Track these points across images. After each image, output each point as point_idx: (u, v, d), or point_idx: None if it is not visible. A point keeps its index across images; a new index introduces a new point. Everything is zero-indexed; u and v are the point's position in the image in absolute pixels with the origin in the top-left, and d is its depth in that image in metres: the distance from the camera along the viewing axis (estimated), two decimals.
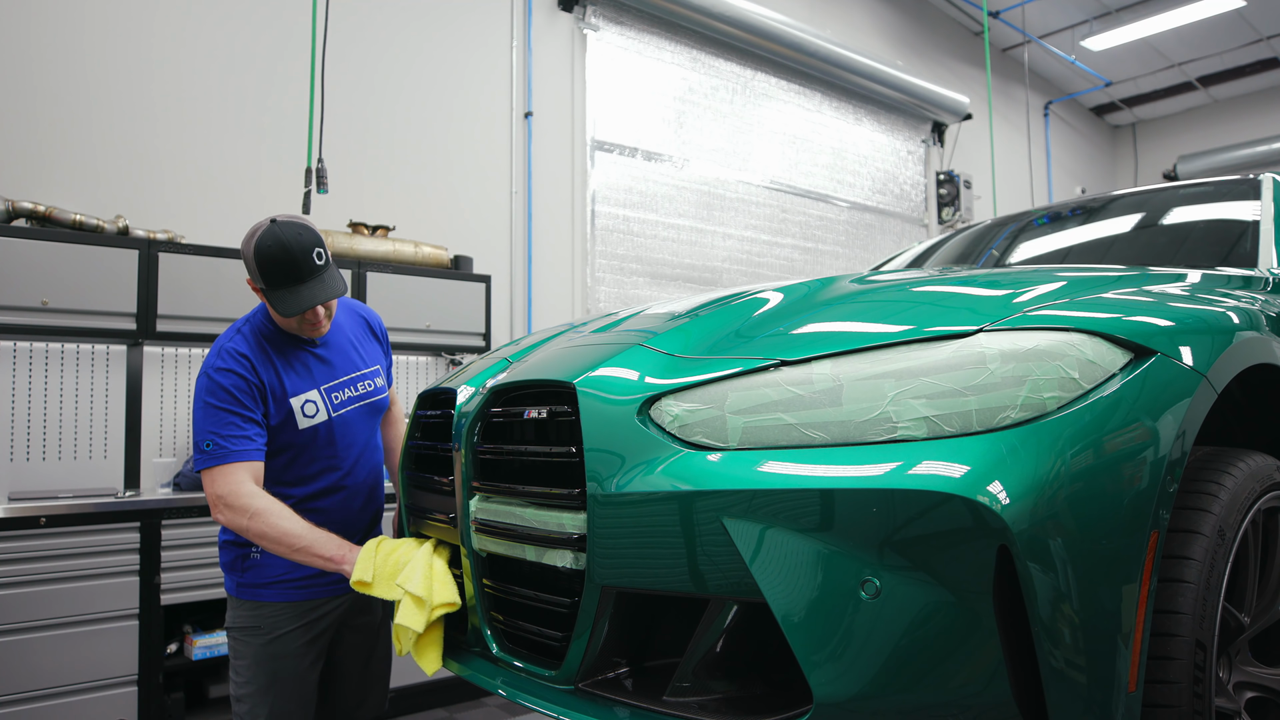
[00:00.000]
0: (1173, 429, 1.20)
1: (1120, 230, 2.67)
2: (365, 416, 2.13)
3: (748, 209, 6.31)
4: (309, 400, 1.99)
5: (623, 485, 1.25)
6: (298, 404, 1.97)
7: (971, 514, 1.06)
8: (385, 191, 4.52)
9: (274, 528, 1.82)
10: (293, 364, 2.00)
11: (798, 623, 1.11)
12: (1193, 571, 1.22)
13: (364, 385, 2.13)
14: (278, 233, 1.88)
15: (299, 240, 1.88)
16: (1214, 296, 1.58)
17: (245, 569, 2.02)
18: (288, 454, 1.99)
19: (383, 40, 4.60)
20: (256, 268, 1.88)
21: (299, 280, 1.89)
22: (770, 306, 1.53)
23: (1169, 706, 1.18)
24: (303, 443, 1.99)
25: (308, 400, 1.99)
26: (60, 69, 3.63)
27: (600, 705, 1.30)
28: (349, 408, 2.08)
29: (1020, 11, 8.10)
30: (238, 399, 1.89)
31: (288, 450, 1.99)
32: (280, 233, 1.88)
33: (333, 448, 2.04)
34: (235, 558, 2.03)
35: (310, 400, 2.00)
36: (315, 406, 2.00)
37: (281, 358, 1.99)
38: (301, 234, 1.89)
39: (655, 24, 5.81)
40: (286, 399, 1.96)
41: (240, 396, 1.89)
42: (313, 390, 2.01)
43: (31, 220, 3.27)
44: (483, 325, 4.31)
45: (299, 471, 2.02)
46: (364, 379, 2.14)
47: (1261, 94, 9.75)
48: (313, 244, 1.90)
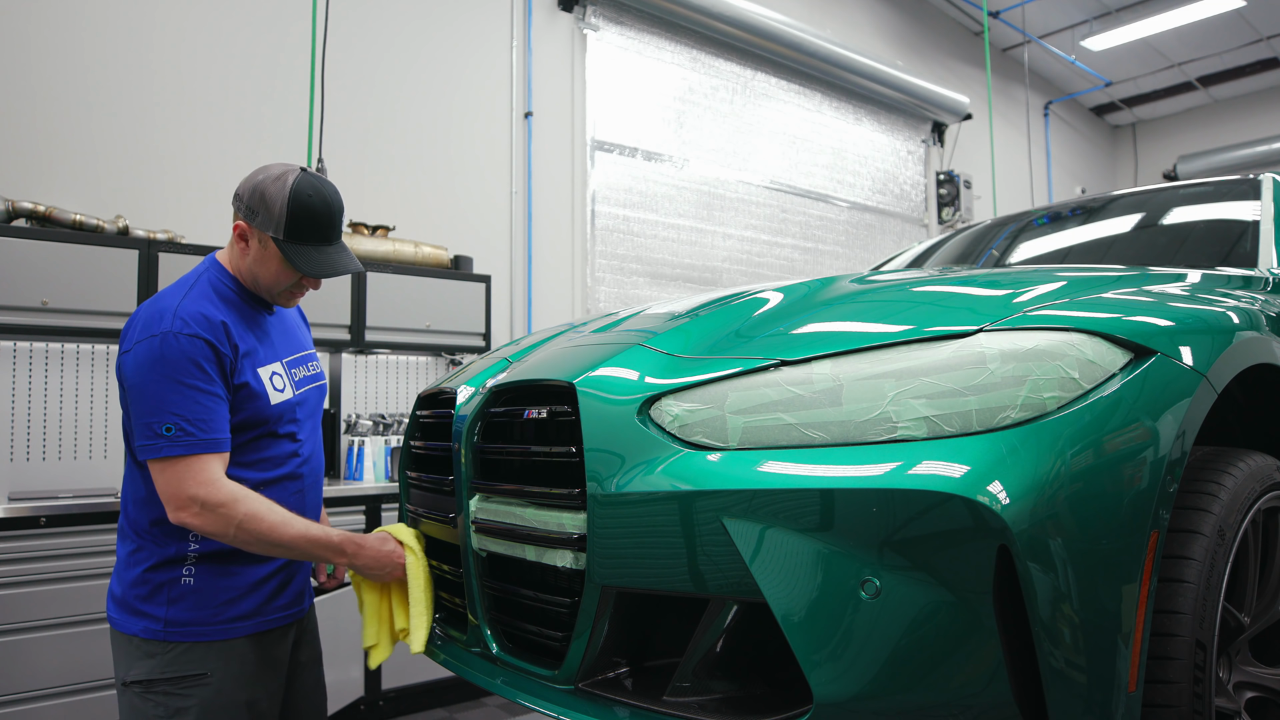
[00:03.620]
0: (1173, 429, 1.20)
1: (1120, 230, 2.67)
2: (318, 400, 1.90)
3: (748, 209, 6.31)
4: (275, 373, 1.73)
5: (623, 485, 1.25)
6: (266, 374, 1.70)
7: (971, 514, 1.06)
8: (385, 191, 4.52)
9: (274, 532, 1.56)
10: (254, 330, 1.71)
11: (798, 622, 1.10)
12: (1193, 571, 1.22)
13: (313, 366, 1.89)
14: (316, 183, 1.66)
15: (337, 198, 1.70)
16: (1214, 296, 1.58)
17: (174, 600, 1.60)
18: (251, 432, 1.68)
19: (383, 40, 4.60)
20: (286, 214, 1.62)
21: (327, 241, 1.69)
22: (770, 306, 1.53)
23: (1169, 706, 1.18)
24: (271, 419, 1.70)
25: (274, 372, 1.73)
26: (60, 69, 3.63)
27: (600, 705, 1.30)
28: (306, 387, 1.83)
29: (1020, 11, 8.10)
30: (206, 372, 1.56)
31: (252, 428, 1.68)
32: (319, 184, 1.66)
33: (296, 427, 1.78)
34: (157, 586, 1.61)
35: (276, 373, 1.73)
36: (281, 380, 1.74)
37: (245, 322, 1.70)
38: (337, 192, 1.72)
39: (655, 24, 5.81)
40: (257, 368, 1.68)
41: (209, 369, 1.57)
42: (277, 362, 1.75)
43: (31, 220, 3.27)
44: (483, 325, 4.31)
45: (260, 454, 1.70)
46: (312, 360, 1.90)
47: (1261, 94, 9.75)
48: (343, 206, 1.73)
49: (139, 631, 1.60)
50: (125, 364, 1.58)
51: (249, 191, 1.66)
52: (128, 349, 1.58)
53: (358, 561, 1.69)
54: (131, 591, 1.62)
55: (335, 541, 1.65)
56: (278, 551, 1.61)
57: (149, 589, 1.61)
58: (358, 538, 1.70)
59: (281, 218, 1.63)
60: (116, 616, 1.64)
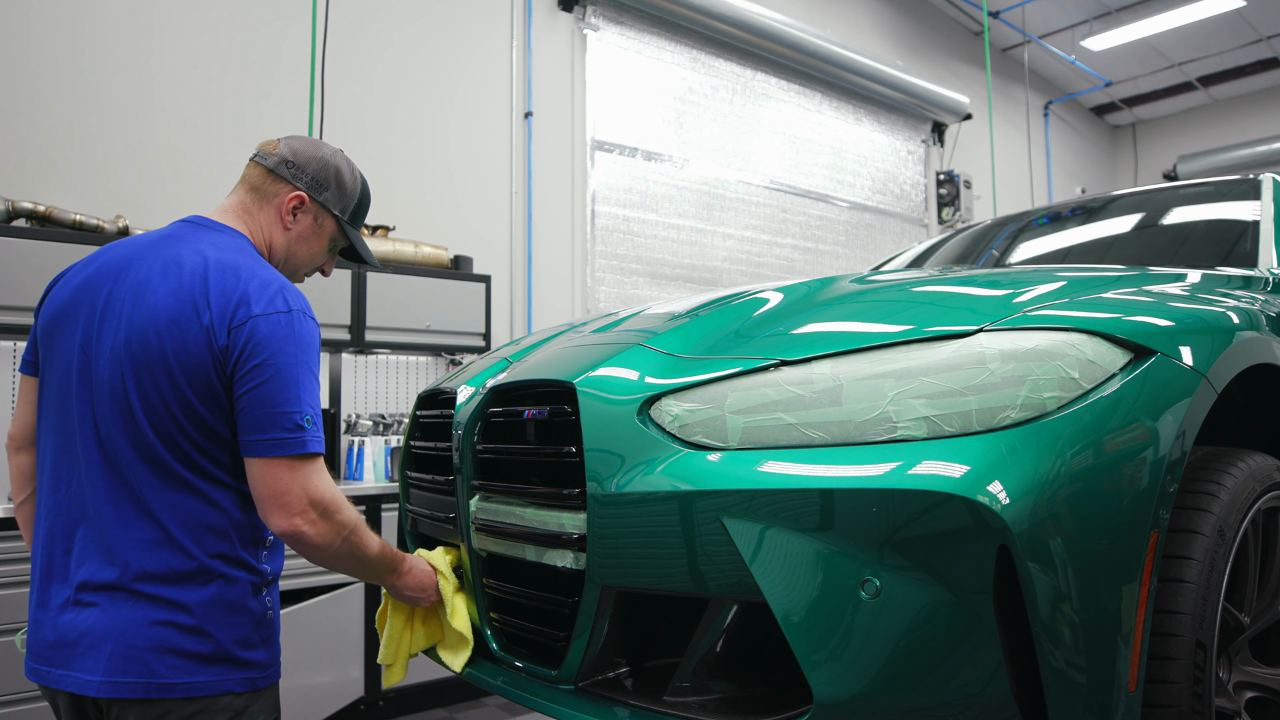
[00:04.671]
0: (1173, 429, 1.20)
1: (1120, 230, 2.67)
2: None
3: (748, 209, 6.30)
4: None
5: (623, 485, 1.25)
6: None
7: (971, 514, 1.06)
8: (385, 191, 4.51)
9: (367, 548, 1.41)
10: None
11: (798, 622, 1.11)
12: (1193, 571, 1.22)
13: None
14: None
15: None
16: (1214, 296, 1.58)
17: (264, 639, 1.38)
18: None
19: (383, 40, 4.60)
20: (359, 196, 1.59)
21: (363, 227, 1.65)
22: (770, 306, 1.53)
23: (1169, 706, 1.18)
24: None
25: None
26: (60, 69, 3.63)
27: (600, 705, 1.30)
28: None
29: (1020, 11, 8.09)
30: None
31: None
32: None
33: None
34: (254, 621, 1.36)
35: None
36: None
37: None
38: None
39: (655, 24, 5.81)
40: None
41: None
42: None
43: (31, 220, 3.27)
44: (483, 325, 4.31)
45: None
46: None
47: (1261, 94, 9.75)
48: None
49: (233, 686, 1.32)
50: (253, 337, 1.29)
51: (316, 164, 1.53)
52: (251, 318, 1.30)
53: (400, 583, 1.58)
54: (228, 634, 1.32)
55: (397, 560, 1.53)
56: (355, 570, 1.46)
57: (250, 622, 1.35)
58: (409, 559, 1.59)
59: (353, 199, 1.58)
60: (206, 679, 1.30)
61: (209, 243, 1.41)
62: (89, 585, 1.30)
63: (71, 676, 1.28)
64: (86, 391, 1.33)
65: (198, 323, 1.30)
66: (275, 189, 1.52)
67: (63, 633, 1.30)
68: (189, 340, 1.29)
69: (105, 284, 1.37)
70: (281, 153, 1.53)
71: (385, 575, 1.55)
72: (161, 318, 1.30)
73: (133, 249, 1.41)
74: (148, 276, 1.35)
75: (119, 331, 1.32)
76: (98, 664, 1.26)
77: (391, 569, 1.54)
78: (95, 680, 1.26)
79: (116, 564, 1.29)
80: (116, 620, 1.27)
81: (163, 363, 1.29)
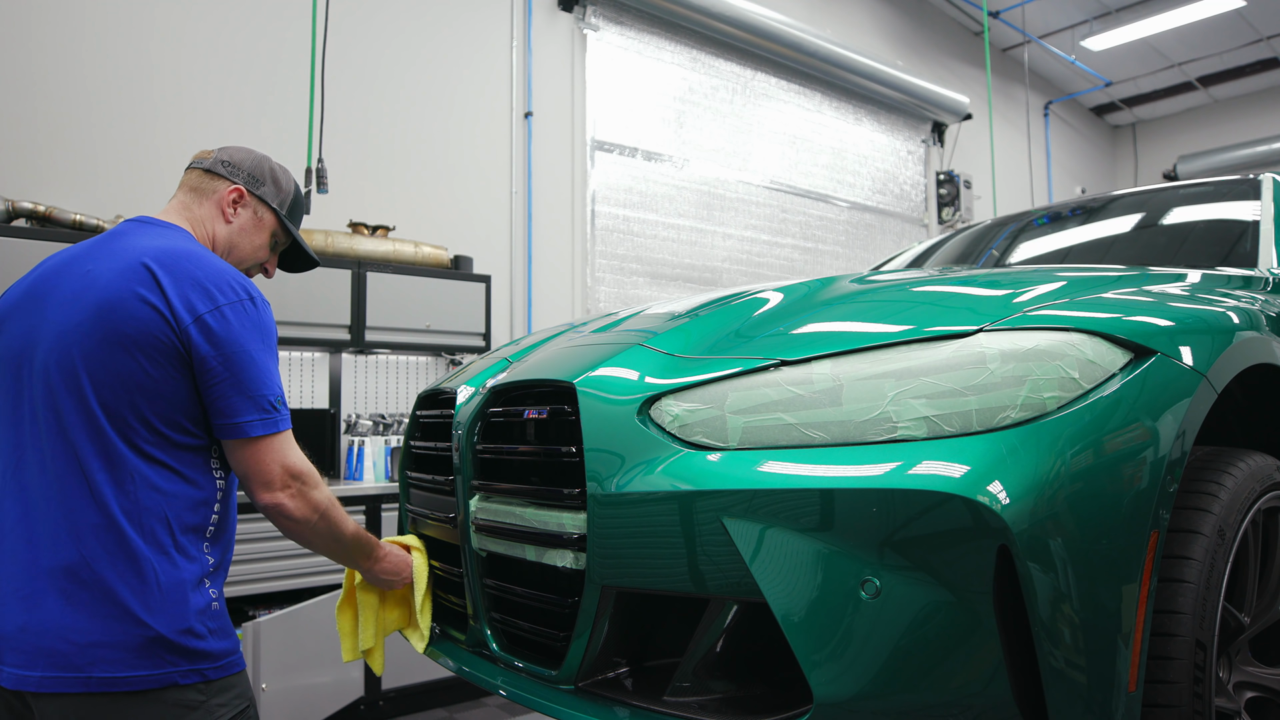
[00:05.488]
0: (1173, 429, 1.20)
1: (1120, 230, 2.67)
2: None
3: (748, 209, 6.31)
4: None
5: (623, 485, 1.25)
6: None
7: (971, 514, 1.06)
8: (385, 191, 4.52)
9: (342, 524, 1.49)
10: None
11: (798, 622, 1.10)
12: (1193, 571, 1.22)
13: None
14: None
15: None
16: (1214, 296, 1.58)
17: (213, 630, 1.34)
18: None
19: (383, 40, 4.60)
20: (294, 191, 1.67)
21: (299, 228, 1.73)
22: (770, 306, 1.53)
23: (1169, 706, 1.18)
24: None
25: None
26: (60, 69, 3.63)
27: (600, 705, 1.30)
28: None
29: (1020, 11, 8.10)
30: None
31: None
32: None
33: None
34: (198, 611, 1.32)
35: None
36: None
37: None
38: None
39: (655, 24, 5.81)
40: None
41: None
42: None
43: (31, 220, 3.27)
44: (483, 325, 4.31)
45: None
46: None
47: (1261, 94, 9.75)
48: None
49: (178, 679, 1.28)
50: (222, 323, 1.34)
51: (250, 162, 1.62)
52: (217, 305, 1.35)
53: (377, 567, 1.65)
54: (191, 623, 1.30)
55: (373, 544, 1.59)
56: (330, 548, 1.51)
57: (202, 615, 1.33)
58: (383, 544, 1.66)
59: (289, 195, 1.65)
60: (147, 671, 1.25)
61: (155, 235, 1.45)
62: (27, 573, 1.27)
63: (5, 671, 1.25)
64: (31, 378, 1.33)
65: (152, 308, 1.31)
66: (213, 185, 1.59)
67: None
68: (144, 320, 1.30)
69: (49, 279, 1.40)
70: (216, 155, 1.62)
71: (361, 559, 1.62)
72: (114, 298, 1.31)
73: (80, 248, 1.45)
74: (95, 265, 1.37)
75: (69, 315, 1.32)
76: (35, 659, 1.23)
77: (367, 553, 1.62)
78: (35, 675, 1.22)
79: (54, 552, 1.26)
80: (54, 611, 1.24)
81: (117, 342, 1.29)
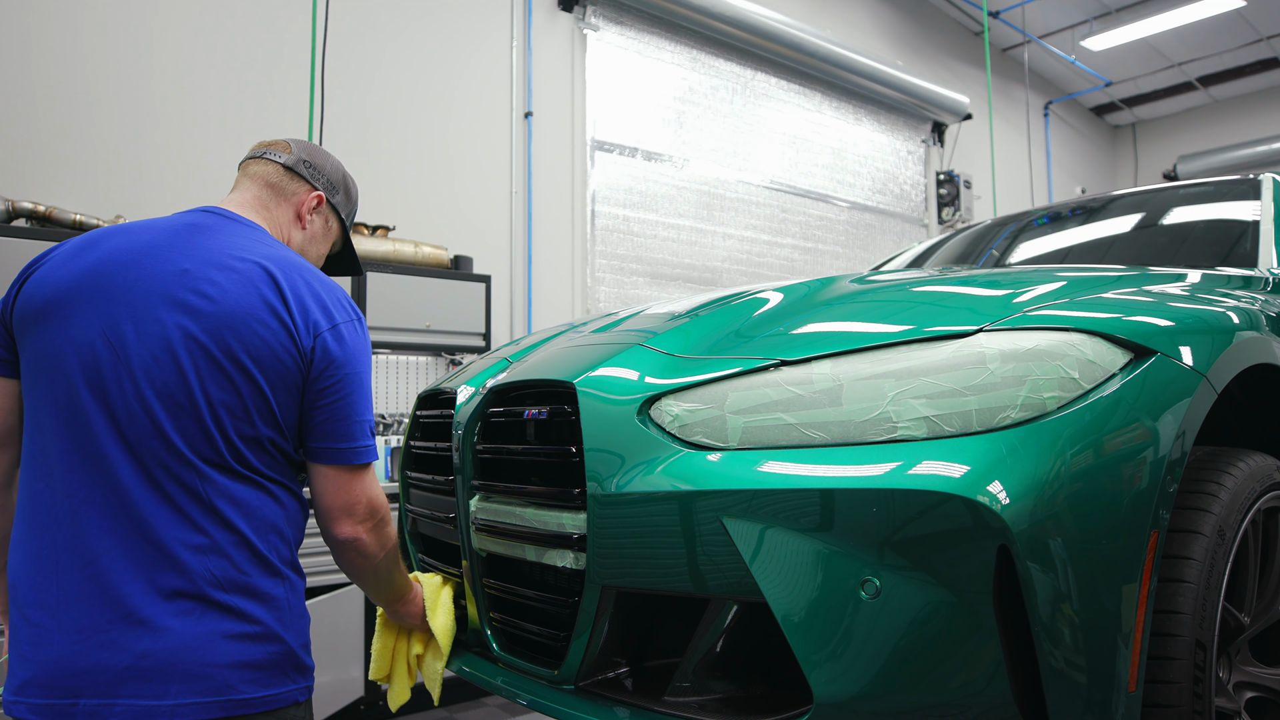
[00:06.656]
0: (1173, 429, 1.20)
1: (1120, 230, 2.67)
2: None
3: (748, 209, 6.30)
4: None
5: (623, 485, 1.25)
6: None
7: (971, 514, 1.06)
8: (385, 191, 4.52)
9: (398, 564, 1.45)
10: None
11: (798, 623, 1.10)
12: (1193, 571, 1.22)
13: None
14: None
15: None
16: (1214, 296, 1.58)
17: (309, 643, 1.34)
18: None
19: (383, 40, 4.60)
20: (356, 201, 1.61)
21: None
22: (770, 306, 1.53)
23: (1169, 706, 1.18)
24: None
25: None
26: (60, 69, 3.63)
27: (600, 705, 1.30)
28: None
29: (1020, 11, 8.09)
30: None
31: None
32: None
33: None
34: (308, 624, 1.33)
35: None
36: None
37: None
38: None
39: (655, 24, 5.81)
40: None
41: None
42: None
43: (31, 220, 3.27)
44: (483, 325, 4.31)
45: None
46: None
47: (1261, 94, 9.75)
48: None
49: (299, 696, 1.27)
50: (340, 343, 1.27)
51: (330, 167, 1.52)
52: (335, 324, 1.27)
53: (404, 609, 1.62)
54: (298, 640, 1.27)
55: (408, 586, 1.58)
56: (380, 585, 1.47)
57: (307, 630, 1.31)
58: (415, 585, 1.64)
59: (355, 206, 1.61)
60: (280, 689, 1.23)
61: (249, 236, 1.33)
62: (142, 599, 1.16)
63: (120, 705, 1.14)
64: (118, 388, 1.19)
65: (278, 321, 1.23)
66: (294, 187, 1.48)
67: (101, 657, 1.15)
68: (270, 338, 1.22)
69: (127, 271, 1.23)
70: (297, 153, 1.50)
71: (398, 600, 1.59)
72: (237, 313, 1.21)
73: (150, 235, 1.28)
74: (192, 265, 1.24)
75: (174, 317, 1.20)
76: (165, 687, 1.14)
77: (404, 595, 1.59)
78: (167, 705, 1.14)
79: (177, 572, 1.17)
80: (184, 636, 1.16)
81: (238, 355, 1.20)
